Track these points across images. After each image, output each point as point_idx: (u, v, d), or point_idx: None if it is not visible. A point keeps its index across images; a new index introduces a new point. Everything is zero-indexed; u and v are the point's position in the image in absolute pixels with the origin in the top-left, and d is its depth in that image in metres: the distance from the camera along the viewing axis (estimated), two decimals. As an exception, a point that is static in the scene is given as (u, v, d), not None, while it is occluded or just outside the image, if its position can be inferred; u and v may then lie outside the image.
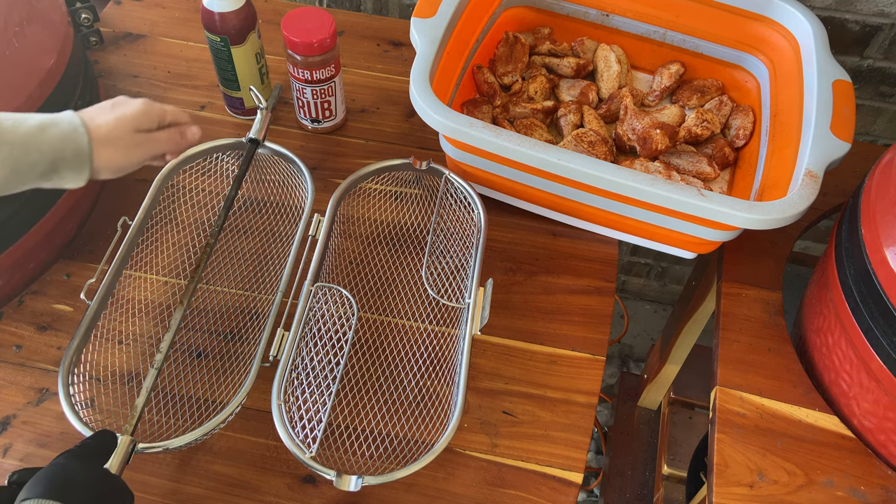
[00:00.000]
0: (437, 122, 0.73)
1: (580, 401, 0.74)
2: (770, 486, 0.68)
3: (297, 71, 0.85)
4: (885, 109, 1.12)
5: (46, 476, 0.53)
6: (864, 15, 1.00)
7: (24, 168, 0.57)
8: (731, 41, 0.92)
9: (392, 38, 1.06)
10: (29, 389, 0.73)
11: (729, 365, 0.75)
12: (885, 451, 0.69)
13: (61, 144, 0.59)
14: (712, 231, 0.75)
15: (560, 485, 0.69)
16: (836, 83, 0.78)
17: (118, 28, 1.05)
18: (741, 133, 0.88)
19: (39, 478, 0.52)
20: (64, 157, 0.59)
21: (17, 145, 0.57)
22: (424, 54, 0.78)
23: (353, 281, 0.80)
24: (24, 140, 0.57)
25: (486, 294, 0.71)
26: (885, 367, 0.65)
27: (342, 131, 0.95)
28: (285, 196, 0.85)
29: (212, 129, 0.94)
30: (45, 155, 0.58)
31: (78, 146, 0.60)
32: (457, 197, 0.81)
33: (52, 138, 0.58)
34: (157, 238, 0.80)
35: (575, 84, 0.94)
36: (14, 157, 0.57)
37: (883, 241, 0.63)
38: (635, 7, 0.94)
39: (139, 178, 0.88)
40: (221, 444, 0.70)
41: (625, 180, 0.70)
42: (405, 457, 0.69)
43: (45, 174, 0.59)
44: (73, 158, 0.60)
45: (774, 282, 0.82)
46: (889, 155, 0.69)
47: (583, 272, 0.83)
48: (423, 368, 0.74)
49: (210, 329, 0.77)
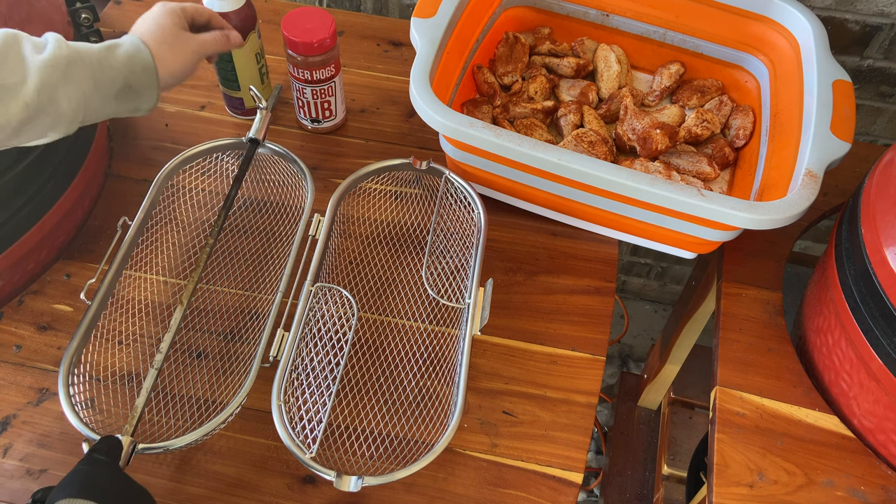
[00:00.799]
0: (437, 122, 0.73)
1: (580, 401, 0.74)
2: (770, 486, 0.68)
3: (297, 71, 0.85)
4: (885, 109, 1.12)
5: (74, 481, 0.53)
6: (864, 15, 1.00)
7: (105, 84, 0.62)
8: (731, 41, 0.92)
9: (392, 38, 1.06)
10: (29, 389, 0.73)
11: (729, 365, 0.75)
12: (885, 451, 0.69)
13: (129, 60, 0.64)
14: (712, 231, 0.75)
15: (560, 485, 0.69)
16: (836, 83, 0.78)
17: (118, 28, 1.05)
18: (741, 133, 0.88)
19: (67, 483, 0.53)
20: (134, 72, 0.64)
21: (93, 62, 0.61)
22: (424, 54, 0.78)
23: (354, 281, 0.80)
24: (98, 59, 0.62)
25: (486, 294, 0.71)
26: (885, 367, 0.65)
27: (342, 131, 0.95)
28: (285, 196, 0.85)
29: (212, 129, 0.94)
30: (119, 71, 0.63)
31: (144, 60, 0.65)
32: (457, 197, 0.81)
33: (121, 55, 0.63)
34: (157, 238, 0.80)
35: (575, 84, 0.94)
36: (93, 72, 0.61)
37: (883, 241, 0.63)
38: (635, 7, 0.94)
39: (139, 179, 0.89)
40: (221, 444, 0.70)
41: (625, 180, 0.70)
42: (405, 457, 0.69)
43: (123, 92, 0.64)
44: (143, 72, 0.65)
45: (774, 282, 0.82)
46: (889, 155, 0.69)
47: (583, 272, 0.83)
48: (423, 368, 0.74)
49: (210, 329, 0.77)
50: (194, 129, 0.94)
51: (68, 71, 0.59)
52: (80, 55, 0.60)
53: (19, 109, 0.56)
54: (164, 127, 0.94)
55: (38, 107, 0.57)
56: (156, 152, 0.91)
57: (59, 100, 0.59)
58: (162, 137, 0.93)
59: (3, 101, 0.56)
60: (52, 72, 0.58)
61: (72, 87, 0.59)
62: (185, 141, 0.92)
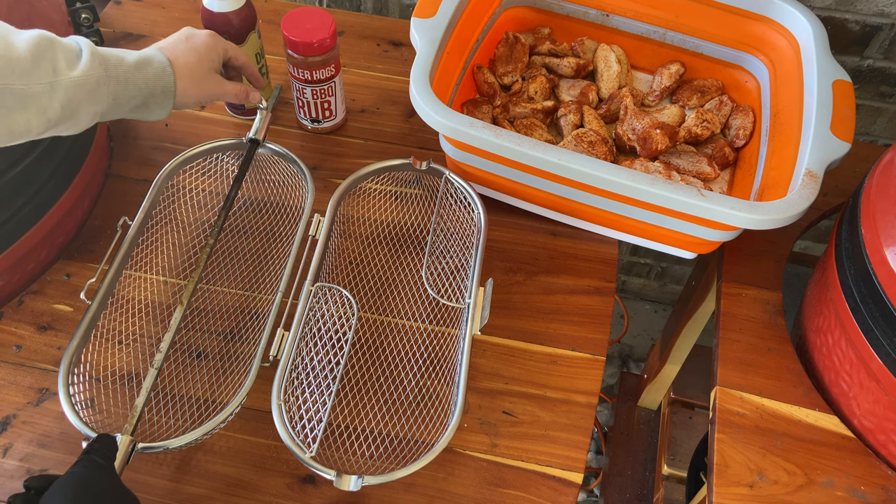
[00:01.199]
0: (437, 122, 0.73)
1: (580, 401, 0.74)
2: (770, 486, 0.68)
3: (297, 71, 0.85)
4: (885, 109, 1.12)
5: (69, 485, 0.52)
6: (864, 15, 1.00)
7: (123, 100, 0.63)
8: (731, 41, 0.92)
9: (392, 38, 1.06)
10: (29, 389, 0.73)
11: (729, 365, 0.75)
12: (885, 451, 0.69)
13: (154, 82, 0.65)
14: (712, 231, 0.75)
15: (560, 485, 0.69)
16: (836, 83, 0.78)
17: (118, 28, 1.05)
18: (741, 133, 0.88)
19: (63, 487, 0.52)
20: (154, 94, 0.65)
21: (120, 81, 0.62)
22: (424, 54, 0.78)
23: (354, 281, 0.80)
24: (126, 77, 0.63)
25: (487, 294, 0.71)
26: (885, 367, 0.65)
27: (342, 131, 0.95)
28: (285, 196, 0.85)
29: (212, 130, 0.94)
30: (141, 90, 0.64)
31: (166, 84, 0.66)
32: (457, 197, 0.81)
33: (148, 76, 0.64)
34: (157, 238, 0.80)
35: (575, 84, 0.94)
36: (117, 91, 0.62)
37: (883, 241, 0.63)
38: (635, 7, 0.94)
39: (139, 179, 0.89)
40: (221, 444, 0.70)
41: (625, 180, 0.70)
42: (405, 457, 0.69)
43: (136, 108, 0.65)
44: (161, 94, 0.66)
45: (774, 282, 0.82)
46: (889, 155, 0.69)
47: (583, 272, 0.83)
48: (423, 368, 0.74)
49: (210, 329, 0.77)
50: (194, 129, 0.94)
51: (95, 91, 0.60)
52: (109, 73, 0.61)
53: (41, 122, 0.57)
54: (164, 127, 0.94)
55: (60, 120, 0.59)
56: (156, 152, 0.91)
57: (80, 115, 0.60)
58: (162, 137, 0.93)
59: (27, 109, 0.56)
60: (80, 91, 0.59)
61: (94, 105, 0.61)
62: (185, 141, 0.92)
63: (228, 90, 0.74)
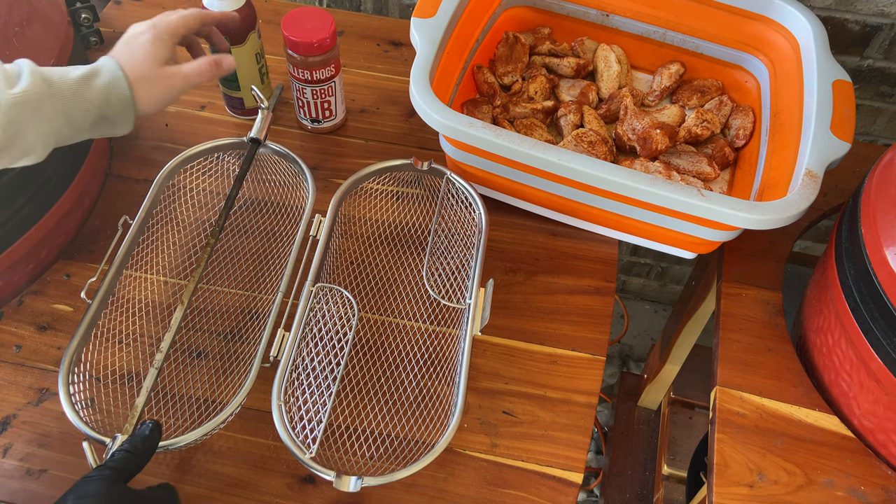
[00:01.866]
0: (437, 122, 0.73)
1: (580, 401, 0.74)
2: (770, 486, 0.68)
3: (297, 71, 0.85)
4: (885, 109, 1.12)
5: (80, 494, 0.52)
6: (864, 15, 1.00)
7: (78, 117, 0.60)
8: (731, 41, 0.92)
9: (392, 38, 1.06)
10: (29, 389, 0.73)
11: (729, 365, 0.75)
12: (885, 451, 0.69)
13: (107, 93, 0.61)
14: (712, 231, 0.75)
15: (560, 485, 0.69)
16: (836, 83, 0.78)
17: (118, 28, 1.05)
18: (741, 133, 0.88)
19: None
20: (110, 105, 0.61)
21: (67, 97, 0.59)
22: (424, 54, 0.78)
23: (354, 281, 0.80)
24: (74, 91, 0.59)
25: (487, 294, 0.71)
26: (885, 367, 0.65)
27: (342, 131, 0.95)
28: (286, 196, 0.85)
29: (212, 129, 0.94)
30: (93, 103, 0.60)
31: (121, 93, 0.62)
32: (458, 197, 0.81)
33: (99, 87, 0.61)
34: (157, 238, 0.80)
35: (575, 84, 0.94)
36: (66, 106, 0.59)
37: (883, 241, 0.63)
38: (635, 7, 0.94)
39: (140, 179, 0.89)
40: (221, 444, 0.70)
41: (625, 180, 0.70)
42: (405, 457, 0.69)
43: (97, 122, 0.62)
44: (119, 104, 0.62)
45: (774, 282, 0.82)
46: (889, 155, 0.69)
47: (583, 272, 0.83)
48: (423, 369, 0.74)
49: (210, 329, 0.77)
50: (194, 129, 0.94)
51: (38, 108, 0.57)
52: (53, 91, 0.58)
53: None
54: (164, 127, 0.94)
55: (4, 143, 0.56)
56: (156, 152, 0.91)
57: (27, 135, 0.57)
58: (162, 137, 0.93)
59: None
60: (21, 110, 0.56)
61: (42, 124, 0.58)
62: (185, 141, 0.92)
63: (191, 73, 0.66)
